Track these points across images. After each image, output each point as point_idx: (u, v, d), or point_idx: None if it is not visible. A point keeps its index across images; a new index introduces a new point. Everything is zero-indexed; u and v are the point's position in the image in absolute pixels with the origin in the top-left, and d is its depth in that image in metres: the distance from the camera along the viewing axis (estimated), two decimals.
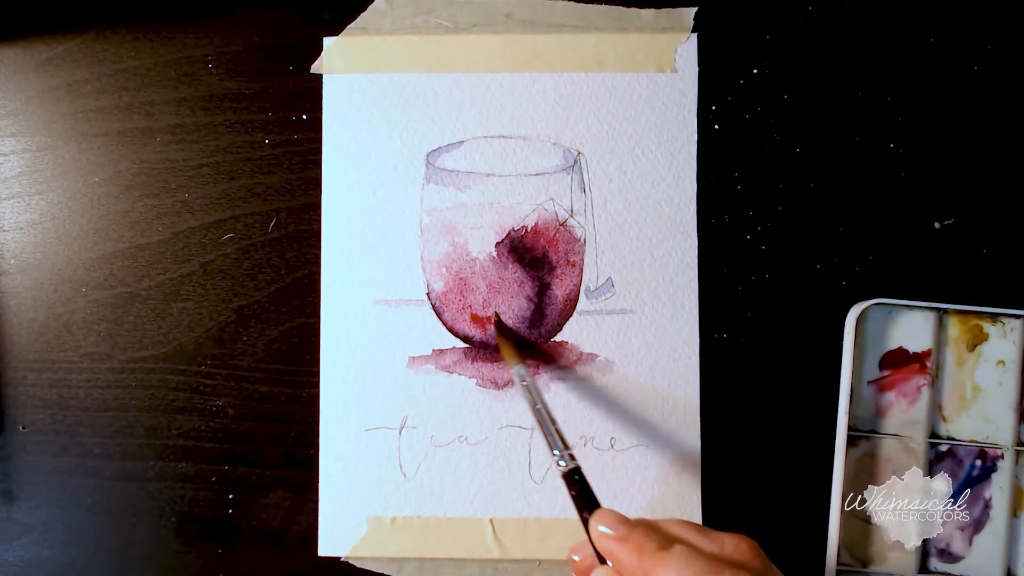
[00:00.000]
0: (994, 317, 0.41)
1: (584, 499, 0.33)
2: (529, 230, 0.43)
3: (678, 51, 0.43)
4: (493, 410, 0.42)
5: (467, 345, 0.43)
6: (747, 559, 0.31)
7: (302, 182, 0.43)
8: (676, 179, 0.43)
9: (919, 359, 0.41)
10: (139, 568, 0.43)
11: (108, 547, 0.43)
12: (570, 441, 0.40)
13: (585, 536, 0.33)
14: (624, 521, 0.32)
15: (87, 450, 0.43)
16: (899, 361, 0.41)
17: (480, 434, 0.42)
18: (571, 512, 0.42)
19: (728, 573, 0.29)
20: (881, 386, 0.42)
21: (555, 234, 0.43)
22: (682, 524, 0.33)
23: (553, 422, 0.36)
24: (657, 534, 0.32)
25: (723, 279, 0.43)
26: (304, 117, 0.43)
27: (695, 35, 0.43)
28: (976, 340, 0.41)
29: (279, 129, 0.44)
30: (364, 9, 0.43)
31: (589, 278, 0.43)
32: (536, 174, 0.43)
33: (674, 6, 0.43)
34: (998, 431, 0.41)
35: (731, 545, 0.32)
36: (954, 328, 0.42)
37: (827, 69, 0.43)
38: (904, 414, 0.41)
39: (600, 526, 0.32)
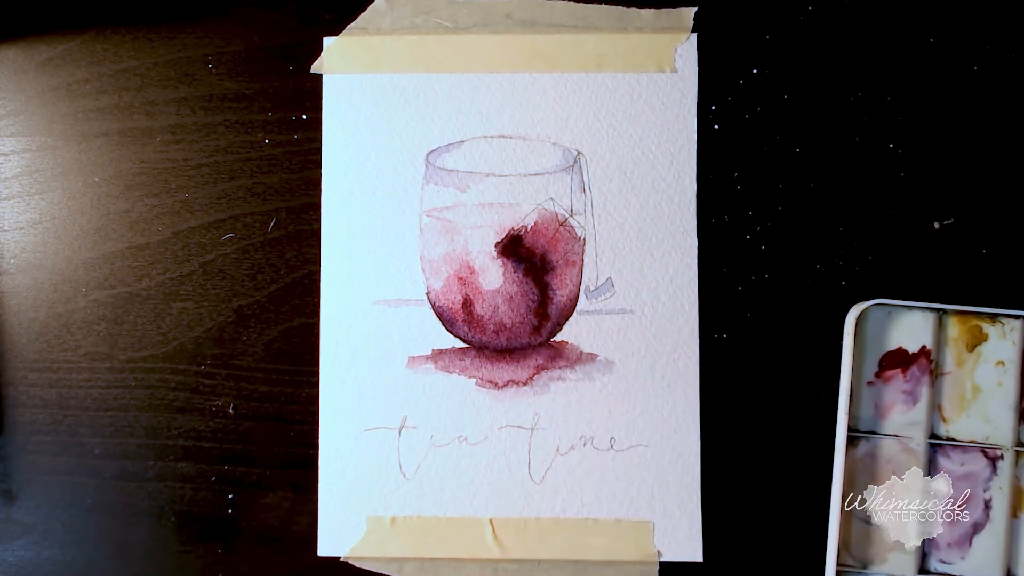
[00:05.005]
0: (994, 317, 0.41)
1: None
2: (529, 230, 0.43)
3: (678, 51, 0.43)
4: (493, 410, 0.42)
5: (467, 345, 0.43)
6: None
7: (302, 182, 0.43)
8: (676, 179, 0.43)
9: (919, 359, 0.41)
10: (139, 568, 0.43)
11: (108, 547, 0.43)
12: (570, 441, 0.40)
13: None
14: None
15: (87, 450, 0.43)
16: (899, 361, 0.41)
17: (480, 434, 0.42)
18: (571, 512, 0.42)
19: None
20: (881, 386, 0.42)
21: (555, 234, 0.43)
22: None
23: None
24: None
25: (723, 279, 0.43)
26: (304, 117, 0.43)
27: (695, 35, 0.43)
28: (976, 340, 0.41)
29: (279, 129, 0.44)
30: (364, 9, 0.43)
31: (589, 278, 0.43)
32: (536, 174, 0.43)
33: (674, 6, 0.43)
34: (998, 431, 0.41)
35: None
36: (954, 328, 0.42)
37: (827, 69, 0.43)
38: (904, 414, 0.41)
39: None
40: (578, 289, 0.43)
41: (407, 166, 0.43)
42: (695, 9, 0.43)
